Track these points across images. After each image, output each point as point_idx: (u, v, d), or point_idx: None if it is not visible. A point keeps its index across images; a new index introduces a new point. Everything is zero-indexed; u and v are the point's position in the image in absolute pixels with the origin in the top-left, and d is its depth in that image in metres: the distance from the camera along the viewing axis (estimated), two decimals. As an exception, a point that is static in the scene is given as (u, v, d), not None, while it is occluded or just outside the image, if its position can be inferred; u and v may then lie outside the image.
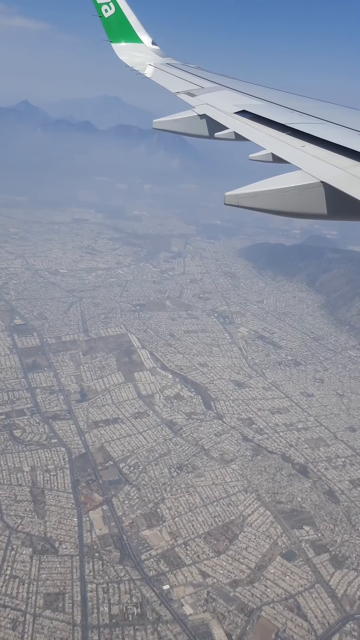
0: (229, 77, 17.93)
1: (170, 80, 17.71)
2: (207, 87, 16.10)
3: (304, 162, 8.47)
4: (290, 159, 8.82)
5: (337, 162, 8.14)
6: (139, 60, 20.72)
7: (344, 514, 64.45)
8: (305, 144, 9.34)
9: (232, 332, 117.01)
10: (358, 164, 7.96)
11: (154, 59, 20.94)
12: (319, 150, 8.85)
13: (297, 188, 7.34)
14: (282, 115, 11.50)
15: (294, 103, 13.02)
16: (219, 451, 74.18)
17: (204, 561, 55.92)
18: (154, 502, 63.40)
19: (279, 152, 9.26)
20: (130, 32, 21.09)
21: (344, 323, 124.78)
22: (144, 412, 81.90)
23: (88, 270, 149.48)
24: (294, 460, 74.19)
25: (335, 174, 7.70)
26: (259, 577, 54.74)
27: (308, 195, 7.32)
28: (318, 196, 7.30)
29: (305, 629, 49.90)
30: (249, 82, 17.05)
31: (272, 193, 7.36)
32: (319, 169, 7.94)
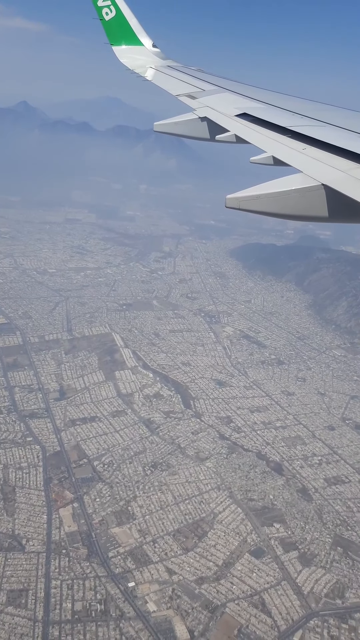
0: (230, 80, 18.05)
1: (171, 82, 17.87)
2: (208, 89, 16.22)
3: (305, 164, 8.49)
4: (291, 161, 8.86)
5: (338, 165, 8.15)
6: (139, 63, 20.89)
7: (316, 512, 64.50)
8: (306, 147, 9.40)
9: (217, 332, 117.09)
10: (359, 166, 7.98)
11: (154, 62, 21.11)
12: (319, 153, 8.89)
13: (298, 191, 7.40)
14: (282, 118, 11.60)
15: (294, 105, 13.12)
16: (195, 449, 74.27)
17: (171, 558, 56.01)
18: (126, 500, 63.51)
19: (279, 154, 9.32)
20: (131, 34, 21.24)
21: (330, 322, 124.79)
22: (122, 410, 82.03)
23: (77, 270, 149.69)
24: (269, 458, 74.27)
25: (336, 176, 7.72)
26: (225, 574, 54.81)
27: (309, 198, 7.38)
28: (319, 199, 7.35)
29: (269, 625, 49.96)
30: (250, 85, 17.19)
31: (273, 196, 7.42)
32: (320, 171, 7.98)
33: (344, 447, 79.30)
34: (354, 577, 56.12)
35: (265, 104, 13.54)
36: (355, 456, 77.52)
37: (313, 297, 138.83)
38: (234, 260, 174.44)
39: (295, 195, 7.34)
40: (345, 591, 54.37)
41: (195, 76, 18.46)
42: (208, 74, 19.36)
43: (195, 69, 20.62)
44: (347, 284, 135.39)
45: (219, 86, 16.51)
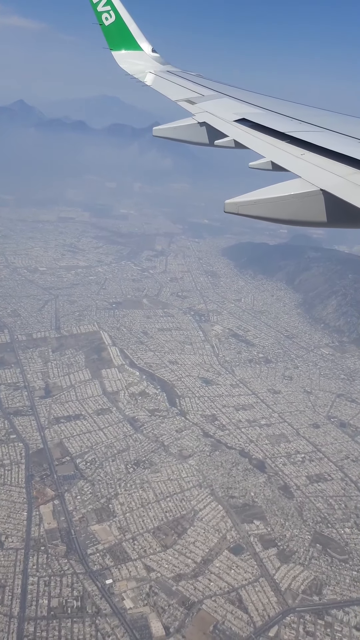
0: (229, 85, 18.10)
1: (171, 87, 17.90)
2: (207, 94, 16.26)
3: (304, 170, 8.53)
4: (290, 167, 8.87)
5: (336, 170, 8.17)
6: (139, 67, 20.87)
7: (296, 509, 64.75)
8: (305, 152, 9.40)
9: (206, 330, 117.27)
10: (357, 171, 8.00)
11: (154, 67, 21.09)
12: (318, 158, 8.90)
13: (297, 196, 7.39)
14: (281, 124, 11.65)
15: (293, 111, 13.17)
16: (178, 447, 74.46)
17: (150, 556, 56.19)
18: (107, 497, 63.66)
19: (278, 160, 9.32)
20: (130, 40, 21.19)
21: (319, 321, 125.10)
22: (107, 408, 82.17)
23: (68, 268, 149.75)
24: (252, 455, 74.49)
25: (334, 181, 7.74)
26: (203, 571, 55.01)
27: (308, 203, 7.37)
28: (318, 204, 7.34)
29: (245, 621, 50.18)
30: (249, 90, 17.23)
31: (272, 201, 7.44)
32: (319, 176, 7.99)
33: (327, 445, 79.56)
34: (332, 574, 56.39)
35: (264, 109, 13.66)
36: (338, 454, 77.82)
37: (303, 296, 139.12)
38: (226, 259, 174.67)
39: (293, 201, 7.41)
40: (323, 588, 54.65)
41: (194, 81, 18.60)
42: (207, 79, 19.50)
43: (194, 74, 20.76)
44: (337, 282, 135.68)
45: (218, 91, 16.62)
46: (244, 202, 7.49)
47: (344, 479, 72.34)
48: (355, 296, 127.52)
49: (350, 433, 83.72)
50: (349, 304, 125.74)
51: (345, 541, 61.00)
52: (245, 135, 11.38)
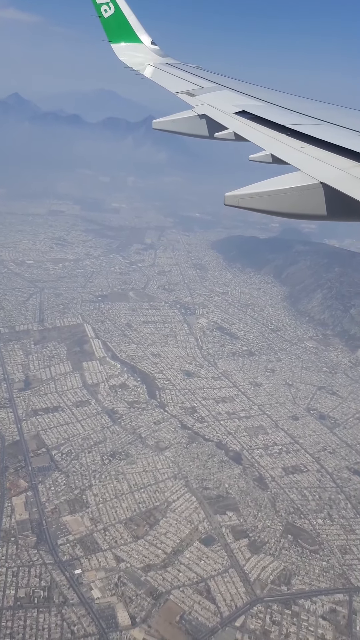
0: (229, 77, 17.93)
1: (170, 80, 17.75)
2: (207, 87, 16.11)
3: (304, 163, 8.44)
4: (290, 160, 8.81)
5: (336, 163, 8.11)
6: (138, 60, 20.74)
7: (269, 501, 64.94)
8: (305, 145, 9.34)
9: (191, 323, 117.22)
10: (358, 164, 7.93)
11: (153, 59, 20.94)
12: (318, 151, 8.84)
13: (297, 189, 7.34)
14: (281, 116, 11.56)
15: (293, 104, 13.05)
16: (155, 439, 74.52)
17: (120, 546, 56.31)
18: (81, 488, 63.71)
19: (278, 153, 9.26)
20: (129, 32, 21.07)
21: (304, 314, 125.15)
22: (86, 401, 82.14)
23: (55, 261, 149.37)
24: (229, 447, 74.61)
25: (334, 174, 7.68)
26: (173, 561, 55.16)
27: (308, 196, 7.31)
28: (318, 197, 7.28)
29: (212, 611, 50.39)
30: (249, 83, 17.09)
31: (272, 194, 7.36)
32: (319, 169, 7.93)
33: (305, 437, 79.79)
34: (301, 564, 56.63)
35: (264, 101, 13.54)
36: (316, 445, 78.07)
37: (290, 289, 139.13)
38: (215, 252, 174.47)
39: (293, 194, 7.33)
40: (292, 578, 54.91)
41: (194, 73, 18.45)
42: (207, 71, 19.33)
43: (194, 66, 20.59)
44: (323, 276, 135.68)
45: (218, 84, 16.48)
46: (244, 195, 7.45)
47: (319, 470, 72.59)
48: (341, 289, 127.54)
49: (329, 425, 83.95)
50: (334, 297, 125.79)
51: (317, 532, 61.26)
52: (245, 128, 11.33)
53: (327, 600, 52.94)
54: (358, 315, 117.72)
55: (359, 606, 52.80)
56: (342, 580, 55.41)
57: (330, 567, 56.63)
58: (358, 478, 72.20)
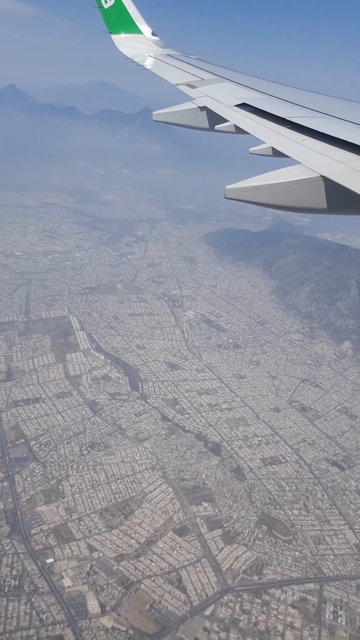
0: (230, 69, 17.85)
1: (170, 71, 17.69)
2: (208, 79, 16.05)
3: (304, 156, 8.42)
4: (291, 153, 8.78)
5: (337, 156, 8.08)
6: (138, 51, 20.62)
7: (246, 491, 65.24)
8: (306, 138, 9.33)
9: (178, 316, 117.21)
10: (358, 158, 7.90)
11: (154, 50, 20.82)
12: (319, 144, 8.82)
13: (297, 182, 7.33)
14: (282, 109, 11.51)
15: (294, 96, 12.98)
16: (135, 430, 74.71)
17: (94, 536, 56.57)
18: (57, 479, 63.92)
19: (279, 146, 9.25)
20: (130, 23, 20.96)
21: (292, 307, 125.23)
22: (67, 392, 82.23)
23: (44, 253, 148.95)
24: (208, 439, 74.86)
25: (335, 168, 7.66)
26: (146, 551, 55.45)
27: (308, 190, 7.30)
28: (318, 190, 7.27)
29: (182, 600, 50.73)
30: (250, 75, 17.00)
31: (272, 187, 7.36)
32: (319, 163, 7.91)
33: (286, 429, 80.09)
34: (274, 554, 56.99)
35: (265, 94, 13.49)
36: (296, 437, 78.40)
37: (278, 282, 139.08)
38: (207, 245, 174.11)
39: (294, 187, 7.33)
40: (264, 568, 55.24)
41: (194, 65, 18.38)
42: (208, 63, 19.26)
43: (195, 58, 20.49)
44: (311, 269, 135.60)
45: (219, 75, 16.42)
46: (244, 188, 7.46)
47: (298, 461, 72.92)
48: (328, 283, 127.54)
49: (310, 417, 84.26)
50: (321, 290, 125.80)
51: (291, 522, 61.63)
52: (245, 120, 11.31)
53: (298, 590, 53.33)
54: (344, 308, 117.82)
55: (329, 595, 53.20)
56: (314, 570, 55.83)
57: (303, 557, 57.03)
58: (336, 469, 72.59)
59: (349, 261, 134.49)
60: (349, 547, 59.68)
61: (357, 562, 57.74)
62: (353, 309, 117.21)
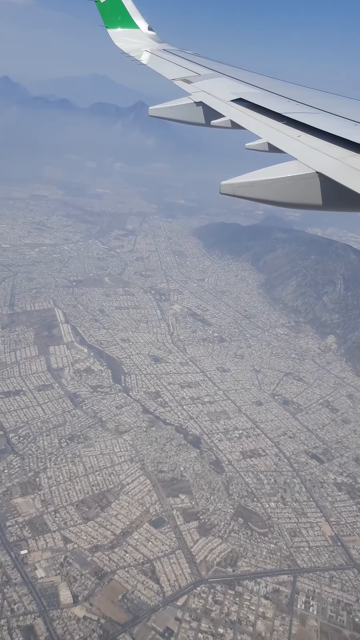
0: (226, 64, 17.82)
1: (167, 66, 17.62)
2: (204, 74, 16.01)
3: (300, 152, 8.42)
4: (286, 148, 8.76)
5: (333, 153, 8.06)
6: (135, 46, 20.54)
7: (223, 484, 65.42)
8: (302, 134, 9.30)
9: (164, 309, 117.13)
10: (354, 154, 7.88)
11: (150, 45, 20.79)
12: (315, 140, 8.81)
13: (293, 178, 7.30)
14: (278, 104, 11.45)
15: (291, 92, 12.94)
16: (116, 423, 74.73)
17: (69, 527, 56.61)
18: (35, 471, 63.87)
19: (275, 141, 9.23)
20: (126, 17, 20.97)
21: (279, 301, 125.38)
22: (49, 384, 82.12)
23: (32, 245, 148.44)
24: (189, 431, 74.98)
25: (331, 164, 7.64)
26: (121, 542, 55.57)
27: (303, 186, 7.27)
28: (313, 187, 7.24)
29: (155, 591, 50.90)
30: (246, 70, 16.96)
31: (268, 183, 7.34)
32: (315, 159, 7.89)
33: (267, 422, 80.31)
34: (249, 546, 57.22)
35: (262, 89, 13.46)
36: (277, 430, 78.64)
37: (266, 277, 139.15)
38: (196, 239, 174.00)
39: (289, 183, 7.32)
40: (238, 560, 55.45)
41: (191, 60, 18.37)
42: (204, 58, 19.25)
43: (191, 53, 20.46)
44: (299, 263, 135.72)
45: (215, 71, 16.40)
46: (239, 184, 7.43)
47: (278, 454, 73.18)
48: (315, 277, 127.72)
49: (292, 410, 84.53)
50: (308, 284, 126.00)
51: (268, 515, 61.88)
52: (241, 116, 11.26)
53: (272, 581, 53.62)
54: (330, 303, 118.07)
55: (302, 586, 53.54)
56: (288, 562, 56.11)
57: (278, 550, 57.31)
58: (315, 462, 72.92)
59: (336, 256, 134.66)
60: (324, 539, 60.01)
61: (331, 554, 58.11)
62: (338, 303, 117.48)
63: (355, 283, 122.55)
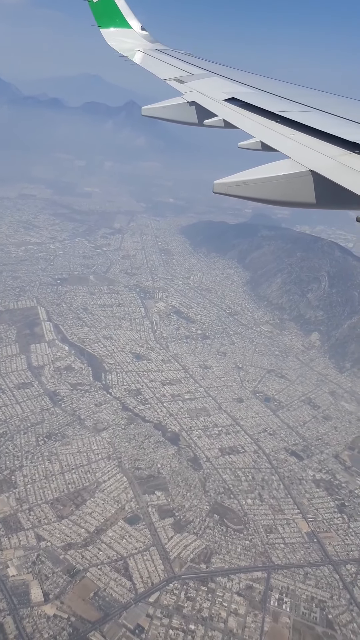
0: (219, 64, 17.80)
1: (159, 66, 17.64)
2: (197, 73, 15.99)
3: (293, 150, 8.41)
4: (280, 147, 8.75)
5: (326, 151, 8.05)
6: (128, 46, 20.55)
7: (200, 481, 65.22)
8: (295, 132, 9.29)
9: (148, 307, 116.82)
10: (347, 152, 7.87)
11: (143, 45, 20.80)
12: (308, 139, 8.79)
13: (286, 177, 7.28)
14: (271, 103, 11.41)
15: (283, 91, 12.90)
16: (94, 420, 74.39)
17: (43, 525, 56.27)
18: (11, 469, 63.46)
19: (268, 140, 9.21)
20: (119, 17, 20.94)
21: (263, 299, 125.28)
22: (28, 383, 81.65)
23: (18, 244, 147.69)
24: (168, 428, 74.74)
25: (324, 162, 7.61)
26: (95, 540, 55.28)
27: (297, 184, 7.25)
28: (307, 185, 7.22)
29: (127, 588, 50.68)
30: (239, 69, 16.93)
31: (261, 182, 7.30)
32: (308, 157, 7.88)
33: (247, 419, 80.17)
34: (224, 543, 57.05)
35: (254, 88, 13.46)
36: (257, 427, 78.52)
37: (252, 274, 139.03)
38: (183, 237, 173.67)
39: (283, 181, 7.28)
40: (213, 556, 55.28)
41: (183, 60, 18.39)
42: (197, 57, 19.26)
43: (184, 52, 20.46)
44: (284, 260, 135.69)
45: (208, 70, 16.42)
46: (232, 183, 7.39)
47: (257, 451, 73.03)
48: (300, 274, 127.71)
49: (273, 407, 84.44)
50: (293, 282, 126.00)
51: (244, 512, 61.71)
52: (234, 115, 11.24)
53: (245, 578, 53.46)
54: (314, 300, 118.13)
55: (276, 582, 53.41)
56: (262, 559, 55.99)
57: (253, 546, 57.17)
58: (294, 459, 72.84)
59: (321, 253, 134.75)
60: (300, 535, 59.92)
61: (307, 551, 58.04)
62: (323, 300, 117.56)
63: (340, 280, 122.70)
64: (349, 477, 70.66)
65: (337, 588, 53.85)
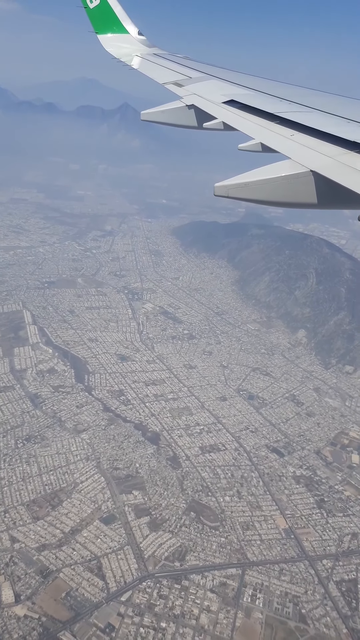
0: (217, 67, 17.88)
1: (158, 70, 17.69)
2: (195, 77, 16.06)
3: (293, 151, 8.43)
4: (280, 148, 8.76)
5: (326, 151, 8.07)
6: (125, 51, 20.67)
7: (178, 479, 65.19)
8: (295, 133, 9.30)
9: (136, 308, 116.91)
10: (347, 152, 7.89)
11: (140, 50, 20.92)
12: (308, 139, 8.81)
13: (287, 177, 7.29)
14: (270, 104, 11.46)
15: (282, 91, 12.94)
16: (75, 422, 74.43)
17: (18, 527, 56.28)
18: (-12, 471, 63.53)
19: (268, 141, 9.24)
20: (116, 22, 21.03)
21: (251, 298, 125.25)
22: (10, 386, 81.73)
23: (7, 248, 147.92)
24: (148, 428, 74.74)
25: (324, 162, 7.62)
26: (69, 540, 55.29)
27: (298, 185, 7.26)
28: (308, 185, 7.23)
29: (99, 587, 50.67)
30: (237, 71, 17.01)
31: (262, 183, 7.31)
32: (308, 157, 7.90)
33: (230, 417, 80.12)
34: (199, 540, 56.99)
35: (253, 90, 13.50)
36: (238, 425, 78.46)
37: (241, 273, 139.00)
38: (174, 238, 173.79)
39: (283, 182, 7.29)
40: (187, 554, 55.23)
41: (181, 64, 18.47)
42: (195, 61, 19.34)
43: (181, 56, 20.58)
44: (273, 259, 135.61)
45: (206, 73, 16.47)
46: (233, 185, 7.39)
47: (237, 449, 72.96)
48: (288, 272, 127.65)
49: (256, 405, 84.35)
50: (280, 279, 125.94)
51: (222, 509, 61.64)
52: (234, 117, 11.27)
53: (219, 575, 53.39)
54: (302, 297, 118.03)
55: (250, 579, 53.32)
56: (238, 556, 55.87)
57: (228, 543, 57.08)
58: (275, 456, 72.75)
59: (310, 250, 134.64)
60: (277, 532, 59.78)
61: (283, 547, 57.92)
62: (310, 297, 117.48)
63: (327, 277, 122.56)
64: (330, 473, 70.51)
65: (312, 583, 53.72)
